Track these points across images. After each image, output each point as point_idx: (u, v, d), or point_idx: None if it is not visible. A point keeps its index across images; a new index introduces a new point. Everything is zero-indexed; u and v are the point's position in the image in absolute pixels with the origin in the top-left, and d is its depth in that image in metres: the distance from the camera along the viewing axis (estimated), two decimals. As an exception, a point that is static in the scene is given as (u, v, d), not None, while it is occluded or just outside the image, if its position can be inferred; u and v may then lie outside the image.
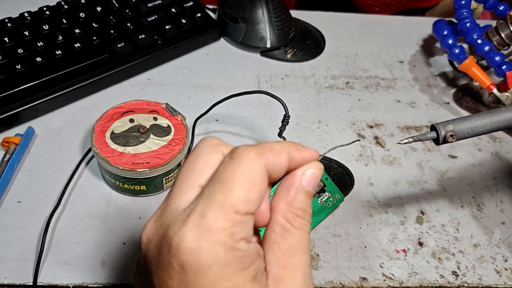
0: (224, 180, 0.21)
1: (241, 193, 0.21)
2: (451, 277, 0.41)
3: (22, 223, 0.41)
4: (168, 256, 0.21)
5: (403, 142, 0.30)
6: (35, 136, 0.48)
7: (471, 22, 0.53)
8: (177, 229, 0.21)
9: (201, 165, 0.23)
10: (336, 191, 0.43)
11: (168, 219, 0.22)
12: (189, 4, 0.59)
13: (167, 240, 0.21)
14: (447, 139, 0.31)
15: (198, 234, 0.20)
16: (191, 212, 0.21)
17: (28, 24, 0.54)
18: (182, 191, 0.23)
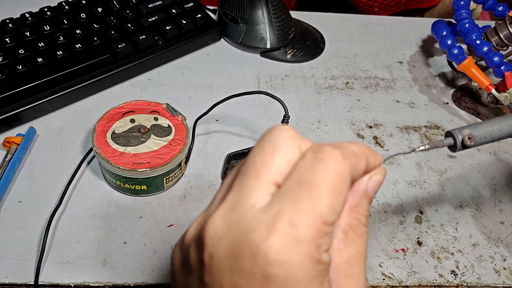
0: (312, 185, 0.20)
1: (329, 202, 0.20)
2: (450, 277, 0.41)
3: (23, 222, 0.41)
4: (251, 263, 0.19)
5: (419, 149, 0.29)
6: (36, 136, 0.48)
7: (470, 22, 0.53)
8: (265, 235, 0.19)
9: (279, 162, 0.21)
10: None
11: (246, 218, 0.20)
12: (189, 5, 0.59)
13: (252, 246, 0.19)
14: (465, 143, 0.29)
15: (288, 245, 0.19)
16: (277, 217, 0.19)
17: (29, 24, 0.54)
18: (257, 186, 0.20)
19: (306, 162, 0.20)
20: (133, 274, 0.39)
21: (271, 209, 0.19)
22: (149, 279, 0.39)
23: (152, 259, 0.40)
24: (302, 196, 0.19)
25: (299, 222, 0.19)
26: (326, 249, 0.20)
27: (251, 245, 0.19)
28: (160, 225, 0.42)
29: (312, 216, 0.19)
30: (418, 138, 0.52)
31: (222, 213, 0.20)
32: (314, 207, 0.19)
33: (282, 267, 0.19)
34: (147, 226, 0.42)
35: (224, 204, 0.21)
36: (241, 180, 0.21)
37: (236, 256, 0.19)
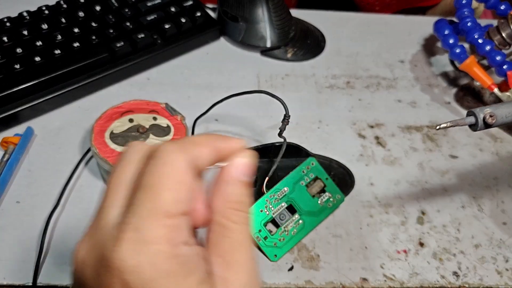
0: (150, 185, 0.20)
1: (169, 195, 0.20)
2: (452, 278, 0.41)
3: (21, 223, 0.41)
4: (109, 277, 0.19)
5: (441, 127, 0.30)
6: (34, 136, 0.47)
7: (472, 21, 0.53)
8: (114, 248, 0.19)
9: (127, 174, 0.21)
10: (337, 192, 0.43)
11: (101, 237, 0.20)
12: (188, 3, 0.59)
13: (106, 262, 0.19)
14: (487, 120, 0.30)
15: (136, 249, 0.19)
16: (124, 227, 0.20)
17: (27, 23, 0.53)
18: (109, 205, 0.21)
19: (146, 165, 0.21)
20: None
21: (121, 221, 0.20)
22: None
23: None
24: (142, 199, 0.20)
25: (142, 224, 0.19)
26: (181, 241, 0.20)
27: (105, 260, 0.19)
28: (159, 226, 0.42)
29: (154, 214, 0.19)
30: (420, 138, 0.52)
31: (85, 239, 0.21)
32: (154, 205, 0.19)
33: (135, 271, 0.19)
34: (146, 227, 0.42)
35: (87, 230, 0.22)
36: (100, 202, 0.22)
37: (98, 275, 0.20)
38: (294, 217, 0.41)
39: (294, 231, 0.40)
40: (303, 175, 0.42)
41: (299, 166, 0.42)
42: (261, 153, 0.47)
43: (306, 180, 0.42)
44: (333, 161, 0.47)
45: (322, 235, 0.42)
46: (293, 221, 0.41)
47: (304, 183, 0.42)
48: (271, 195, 0.41)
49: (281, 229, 0.40)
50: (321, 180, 0.42)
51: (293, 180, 0.42)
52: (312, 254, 0.41)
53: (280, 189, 0.41)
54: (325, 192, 0.42)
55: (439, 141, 0.52)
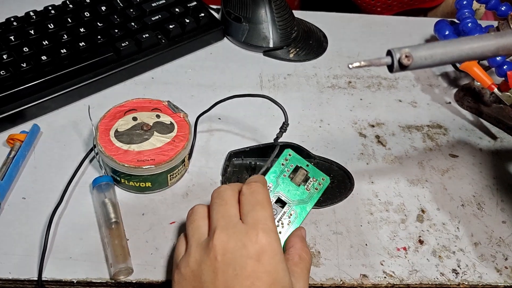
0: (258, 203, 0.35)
1: (269, 207, 0.35)
2: (452, 275, 0.41)
3: (27, 219, 0.42)
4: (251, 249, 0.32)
5: (354, 65, 0.27)
6: (40, 133, 0.48)
7: (472, 22, 0.53)
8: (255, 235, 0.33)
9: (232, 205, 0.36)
10: (320, 175, 0.43)
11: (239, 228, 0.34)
12: (192, 4, 0.60)
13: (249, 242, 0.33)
14: (402, 61, 0.27)
15: (268, 234, 0.33)
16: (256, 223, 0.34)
17: (33, 23, 0.54)
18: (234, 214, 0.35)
19: (247, 195, 0.35)
20: (135, 271, 0.39)
21: (249, 221, 0.33)
22: (151, 275, 0.39)
23: (154, 256, 0.40)
24: (258, 210, 0.34)
25: (266, 222, 0.33)
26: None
27: (250, 242, 0.32)
28: (162, 222, 0.42)
29: (268, 216, 0.34)
30: (421, 137, 0.52)
31: (220, 231, 0.33)
32: (267, 212, 0.34)
33: (270, 245, 0.32)
34: (149, 223, 0.42)
35: (217, 227, 0.33)
36: (219, 218, 0.34)
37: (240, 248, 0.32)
38: (285, 209, 0.41)
39: (288, 222, 0.41)
40: (283, 167, 0.43)
41: (278, 160, 0.43)
42: (262, 152, 0.47)
43: (287, 172, 0.42)
44: (333, 163, 0.48)
45: (323, 232, 0.43)
46: (284, 213, 0.41)
47: (286, 174, 0.42)
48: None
49: (275, 223, 0.40)
50: (302, 168, 0.43)
51: (275, 174, 0.42)
52: (313, 251, 0.42)
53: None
54: (309, 179, 0.43)
55: (439, 140, 0.52)
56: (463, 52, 0.29)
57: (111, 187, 0.43)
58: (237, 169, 0.47)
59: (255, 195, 0.35)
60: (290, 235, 0.39)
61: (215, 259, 0.32)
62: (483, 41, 0.29)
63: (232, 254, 0.32)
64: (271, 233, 0.33)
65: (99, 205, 0.42)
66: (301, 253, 0.37)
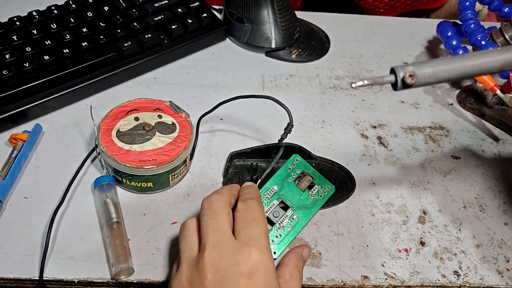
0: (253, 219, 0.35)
1: (264, 224, 0.35)
2: (453, 277, 0.41)
3: (29, 218, 0.42)
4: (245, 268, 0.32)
5: (357, 84, 0.27)
6: (42, 133, 0.48)
7: (475, 23, 0.53)
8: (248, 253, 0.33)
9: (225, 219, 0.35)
10: (326, 183, 0.44)
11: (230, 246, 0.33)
12: (195, 4, 0.60)
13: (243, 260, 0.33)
14: (406, 80, 0.27)
15: (261, 251, 0.33)
16: (249, 240, 0.34)
17: (36, 22, 0.54)
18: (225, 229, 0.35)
19: (242, 211, 0.35)
20: (136, 271, 0.39)
21: (242, 237, 0.33)
22: (152, 276, 0.39)
23: (155, 256, 0.40)
24: (253, 226, 0.34)
25: (260, 239, 0.33)
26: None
27: (242, 259, 0.32)
28: (163, 222, 0.42)
29: (263, 233, 0.34)
30: (423, 138, 0.52)
31: (211, 248, 0.32)
32: (262, 229, 0.34)
33: (263, 262, 0.32)
34: (150, 223, 0.42)
35: (208, 244, 0.33)
36: (210, 233, 0.33)
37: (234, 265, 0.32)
38: (287, 212, 0.41)
39: (290, 226, 0.41)
40: (289, 171, 0.43)
41: (284, 164, 0.43)
42: (264, 153, 0.47)
43: (293, 176, 0.43)
44: (335, 164, 0.48)
45: (324, 233, 0.43)
46: (287, 216, 0.41)
47: (292, 179, 0.42)
48: (261, 194, 0.42)
49: (276, 225, 0.41)
50: (309, 175, 0.43)
51: (281, 177, 0.43)
52: (314, 252, 0.42)
53: (269, 188, 0.42)
54: (314, 185, 0.43)
55: (441, 142, 0.52)
56: (468, 69, 0.29)
57: (113, 187, 0.43)
58: (238, 170, 0.47)
59: (250, 212, 0.35)
60: (290, 250, 0.39)
61: (205, 277, 0.31)
62: (488, 57, 0.29)
63: (223, 272, 0.31)
64: (265, 250, 0.33)
65: (100, 205, 0.42)
66: (293, 271, 0.37)
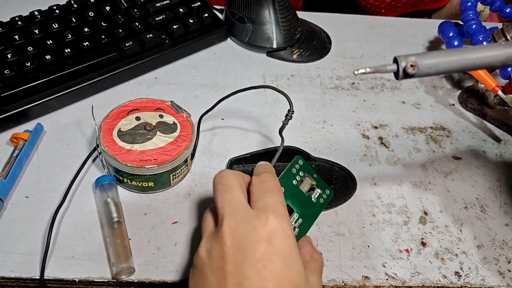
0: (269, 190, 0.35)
1: (280, 194, 0.35)
2: (454, 278, 0.41)
3: (30, 218, 0.42)
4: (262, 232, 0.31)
5: (360, 72, 0.28)
6: (44, 132, 0.48)
7: (477, 23, 0.53)
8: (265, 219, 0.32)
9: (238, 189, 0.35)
10: (325, 187, 0.42)
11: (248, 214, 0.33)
12: (196, 4, 0.60)
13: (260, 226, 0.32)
14: (407, 70, 0.28)
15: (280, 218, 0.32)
16: (267, 208, 0.33)
17: (38, 22, 0.54)
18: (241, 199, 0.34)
19: (257, 184, 0.34)
20: (137, 270, 0.39)
21: (258, 207, 0.33)
22: (153, 275, 0.39)
23: (156, 255, 0.40)
24: (268, 196, 0.33)
25: (277, 206, 0.33)
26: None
27: (260, 225, 0.31)
28: (164, 222, 0.42)
29: (279, 201, 0.33)
30: (424, 139, 0.52)
31: (228, 217, 0.32)
32: (278, 198, 0.34)
33: (281, 227, 0.31)
34: (151, 223, 0.42)
35: (225, 215, 0.32)
36: (225, 205, 0.33)
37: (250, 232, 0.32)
38: (293, 216, 0.39)
39: (296, 231, 0.39)
40: (294, 174, 0.41)
41: (288, 166, 0.41)
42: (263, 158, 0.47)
43: (297, 179, 0.41)
44: (335, 164, 0.48)
45: (325, 233, 0.43)
46: (293, 220, 0.39)
47: (296, 182, 0.41)
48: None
49: None
50: (310, 178, 0.41)
51: (286, 180, 0.40)
52: (315, 252, 0.42)
53: None
54: (315, 189, 0.41)
55: (442, 142, 0.52)
56: (470, 62, 0.29)
57: (114, 186, 0.43)
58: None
59: (265, 183, 0.34)
60: (298, 241, 0.38)
61: (224, 244, 0.31)
62: (491, 51, 0.29)
63: (241, 238, 0.31)
64: (283, 217, 0.32)
65: (101, 204, 0.42)
66: (313, 253, 0.35)
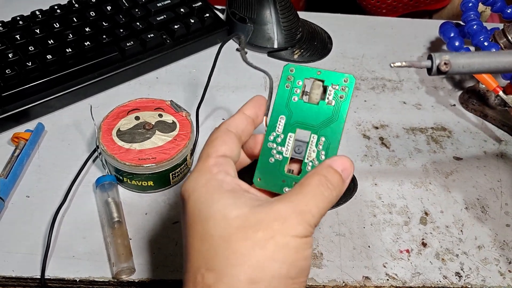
0: (206, 144, 0.31)
1: (210, 146, 0.31)
2: (455, 278, 0.41)
3: (31, 217, 0.42)
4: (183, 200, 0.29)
5: (395, 65, 0.29)
6: (45, 132, 0.48)
7: (478, 24, 0.53)
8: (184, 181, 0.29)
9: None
10: (340, 76, 0.31)
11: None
12: (197, 4, 0.60)
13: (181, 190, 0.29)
14: (441, 67, 0.29)
15: (188, 178, 0.29)
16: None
17: (39, 22, 0.55)
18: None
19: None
20: (137, 270, 0.39)
21: None
22: (153, 275, 0.39)
23: (157, 255, 0.40)
24: (203, 151, 0.31)
25: (196, 166, 0.30)
26: (223, 170, 0.29)
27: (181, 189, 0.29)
28: (165, 222, 0.42)
29: (200, 158, 0.31)
30: (425, 139, 0.52)
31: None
32: (201, 154, 0.31)
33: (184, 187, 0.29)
34: (152, 222, 0.42)
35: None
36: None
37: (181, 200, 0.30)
38: (311, 139, 0.31)
39: (322, 154, 0.31)
40: (289, 90, 0.32)
41: (280, 82, 0.32)
42: None
43: (297, 92, 0.32)
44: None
45: (326, 233, 0.43)
46: (313, 144, 0.31)
47: (296, 97, 0.32)
48: (269, 137, 0.33)
49: (306, 162, 0.31)
50: (314, 79, 0.32)
51: (283, 102, 0.32)
52: (315, 252, 0.41)
53: (276, 123, 0.33)
54: (327, 87, 0.31)
55: (443, 143, 0.52)
56: (501, 65, 0.30)
57: (114, 186, 0.43)
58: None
59: (209, 138, 0.33)
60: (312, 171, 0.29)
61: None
62: None
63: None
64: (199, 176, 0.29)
65: (102, 204, 0.42)
66: (304, 180, 0.29)
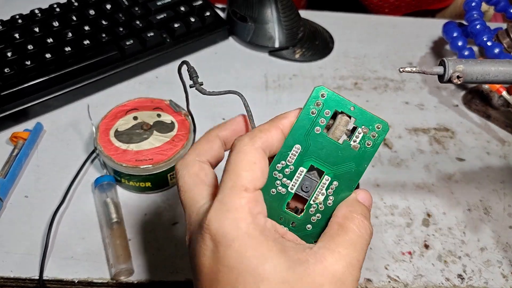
0: (230, 169, 0.25)
1: (246, 175, 0.25)
2: (457, 280, 0.41)
3: (29, 217, 0.41)
4: (201, 235, 0.24)
5: (406, 70, 0.27)
6: (43, 131, 0.48)
7: (481, 24, 0.53)
8: (205, 215, 0.24)
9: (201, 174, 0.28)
10: (373, 120, 0.27)
11: (200, 211, 0.26)
12: (198, 3, 0.59)
13: (200, 225, 0.25)
14: (453, 80, 0.27)
15: (219, 215, 0.24)
16: (213, 201, 0.25)
17: (38, 20, 0.54)
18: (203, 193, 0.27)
19: (229, 157, 0.26)
20: (136, 271, 0.39)
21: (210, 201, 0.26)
22: (152, 276, 0.39)
23: (156, 256, 0.40)
24: (225, 180, 0.25)
25: (225, 197, 0.24)
26: (259, 211, 0.25)
27: (200, 224, 0.25)
28: (164, 223, 0.42)
29: (233, 189, 0.24)
30: (427, 140, 0.52)
31: (187, 228, 0.27)
32: (234, 182, 0.24)
33: (219, 231, 0.24)
34: (151, 223, 0.42)
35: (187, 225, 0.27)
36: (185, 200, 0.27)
37: (196, 236, 0.25)
38: (323, 180, 0.28)
39: (330, 199, 0.28)
40: (314, 117, 0.27)
41: (305, 105, 0.27)
42: None
43: (322, 123, 0.27)
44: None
45: (327, 235, 0.43)
46: (324, 186, 0.28)
47: (320, 128, 0.27)
48: (277, 165, 0.27)
49: (311, 204, 0.28)
50: (344, 114, 0.27)
51: (303, 130, 0.27)
52: (316, 254, 0.41)
53: (289, 152, 0.27)
54: (356, 128, 0.27)
55: (446, 143, 0.52)
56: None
57: (113, 187, 0.43)
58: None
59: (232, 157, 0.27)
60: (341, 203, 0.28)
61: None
62: None
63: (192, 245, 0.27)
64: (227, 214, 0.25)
65: (100, 204, 0.42)
66: (345, 221, 0.26)
